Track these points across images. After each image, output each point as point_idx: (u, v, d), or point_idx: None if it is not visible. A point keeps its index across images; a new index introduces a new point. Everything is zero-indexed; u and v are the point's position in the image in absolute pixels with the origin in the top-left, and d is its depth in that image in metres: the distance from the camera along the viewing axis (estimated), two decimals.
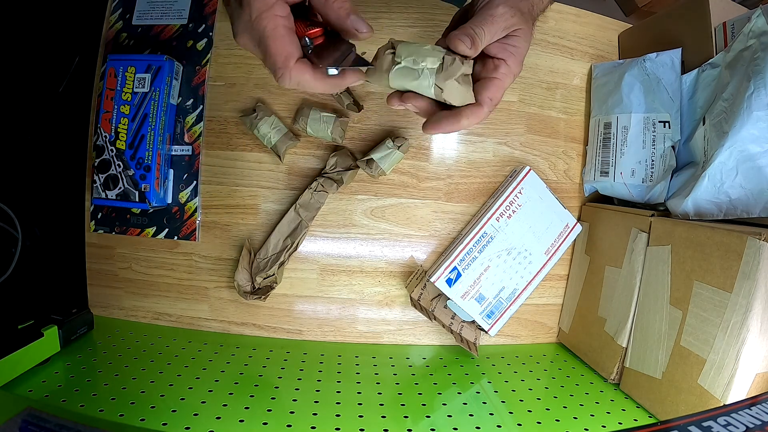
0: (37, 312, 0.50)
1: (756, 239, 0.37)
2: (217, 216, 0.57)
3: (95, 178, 0.52)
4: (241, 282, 0.55)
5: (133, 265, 0.58)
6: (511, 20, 0.35)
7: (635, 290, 0.49)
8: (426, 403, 0.47)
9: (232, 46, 0.56)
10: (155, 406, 0.42)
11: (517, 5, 0.35)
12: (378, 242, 0.58)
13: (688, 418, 0.23)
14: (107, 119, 0.52)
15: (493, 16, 0.34)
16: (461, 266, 0.54)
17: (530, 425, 0.44)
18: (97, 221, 0.57)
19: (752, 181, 0.43)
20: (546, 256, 0.57)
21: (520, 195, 0.55)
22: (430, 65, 0.33)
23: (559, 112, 0.61)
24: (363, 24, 0.33)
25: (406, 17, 0.57)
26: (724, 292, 0.39)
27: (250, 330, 0.59)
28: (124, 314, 0.59)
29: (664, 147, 0.52)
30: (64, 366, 0.48)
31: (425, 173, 0.58)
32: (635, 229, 0.50)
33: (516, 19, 0.35)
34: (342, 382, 0.49)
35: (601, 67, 0.60)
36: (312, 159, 0.57)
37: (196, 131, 0.56)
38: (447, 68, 0.33)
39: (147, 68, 0.51)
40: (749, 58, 0.44)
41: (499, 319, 0.56)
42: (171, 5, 0.57)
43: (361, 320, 0.59)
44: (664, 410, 0.45)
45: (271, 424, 0.41)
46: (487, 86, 0.35)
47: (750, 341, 0.37)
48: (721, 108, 0.45)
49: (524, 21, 0.36)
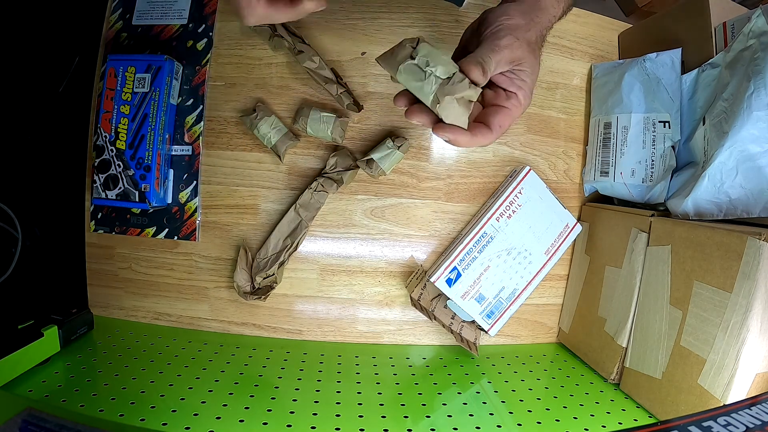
0: (37, 312, 0.50)
1: (756, 239, 0.37)
2: (217, 216, 0.57)
3: (95, 178, 0.52)
4: (241, 282, 0.55)
5: (133, 265, 0.58)
6: (516, 52, 0.35)
7: (635, 290, 0.49)
8: (426, 403, 0.47)
9: (232, 46, 0.56)
10: (155, 406, 0.42)
11: (524, 36, 0.35)
12: (378, 242, 0.58)
13: (688, 418, 0.23)
14: (107, 119, 0.52)
15: (499, 46, 0.34)
16: (461, 266, 0.54)
17: (530, 425, 0.44)
18: (97, 221, 0.57)
19: (752, 181, 0.43)
20: (546, 256, 0.57)
21: (520, 195, 0.55)
22: (439, 73, 0.33)
23: (559, 112, 0.61)
24: None
25: (405, 17, 0.57)
26: (724, 292, 0.39)
27: (250, 330, 0.59)
28: (124, 314, 0.59)
29: (664, 147, 0.52)
30: (64, 366, 0.48)
31: (425, 173, 0.58)
32: (635, 229, 0.50)
33: (521, 52, 0.35)
34: (342, 382, 0.49)
35: (601, 67, 0.60)
36: (312, 159, 0.57)
37: (196, 131, 0.56)
38: (454, 84, 0.33)
39: (147, 68, 0.51)
40: (749, 58, 0.44)
41: (499, 319, 0.56)
42: (171, 5, 0.57)
43: (361, 320, 0.59)
44: (664, 410, 0.45)
45: (271, 424, 0.41)
46: (498, 113, 0.36)
47: (750, 341, 0.37)
48: (721, 108, 0.45)
49: (530, 52, 0.36)
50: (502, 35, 0.34)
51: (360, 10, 0.56)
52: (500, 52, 0.34)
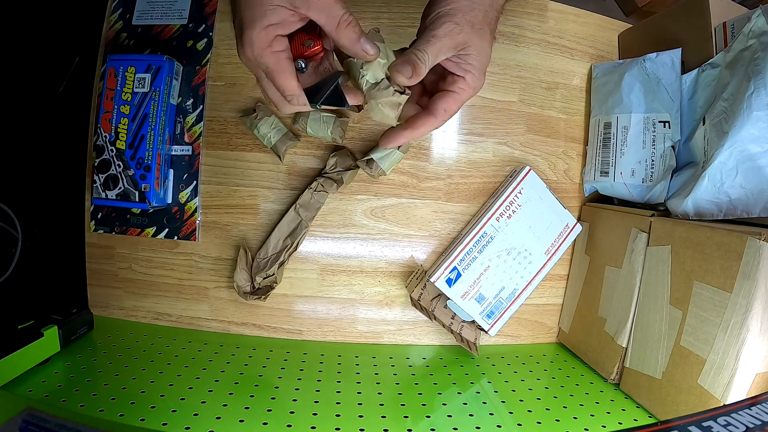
0: (37, 312, 0.50)
1: (756, 239, 0.37)
2: (217, 216, 0.57)
3: (95, 178, 0.52)
4: (241, 283, 0.55)
5: (133, 265, 0.58)
6: (458, 38, 0.34)
7: (635, 290, 0.49)
8: (426, 403, 0.47)
9: (232, 46, 0.56)
10: (155, 406, 0.42)
11: (467, 19, 0.34)
12: (378, 242, 0.58)
13: (688, 418, 0.23)
14: (107, 119, 0.52)
15: (436, 36, 0.34)
16: (461, 266, 0.54)
17: (530, 425, 0.44)
18: (97, 221, 0.57)
19: (752, 181, 0.43)
20: (546, 256, 0.57)
21: (520, 195, 0.55)
22: (369, 78, 0.35)
23: (559, 112, 0.61)
24: (371, 46, 0.33)
25: (405, 17, 0.57)
26: (724, 292, 0.39)
27: (250, 330, 0.59)
28: (124, 314, 0.59)
29: (664, 147, 0.52)
30: (64, 366, 0.48)
31: (425, 173, 0.58)
32: (635, 229, 0.50)
33: (464, 36, 0.34)
34: (342, 382, 0.49)
35: (601, 67, 0.60)
36: (312, 159, 0.57)
37: (196, 131, 0.56)
38: (380, 90, 0.34)
39: (147, 68, 0.51)
40: (749, 58, 0.44)
41: (499, 319, 0.56)
42: (171, 5, 0.57)
43: (361, 320, 0.59)
44: (664, 410, 0.45)
45: (271, 424, 0.41)
46: (444, 98, 0.36)
47: (750, 341, 0.37)
48: (721, 108, 0.45)
49: (475, 34, 0.35)
50: (440, 23, 0.34)
51: (360, 9, 0.56)
52: (437, 43, 0.34)
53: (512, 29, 0.59)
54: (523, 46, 0.59)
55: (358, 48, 0.33)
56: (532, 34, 0.60)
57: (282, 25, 0.32)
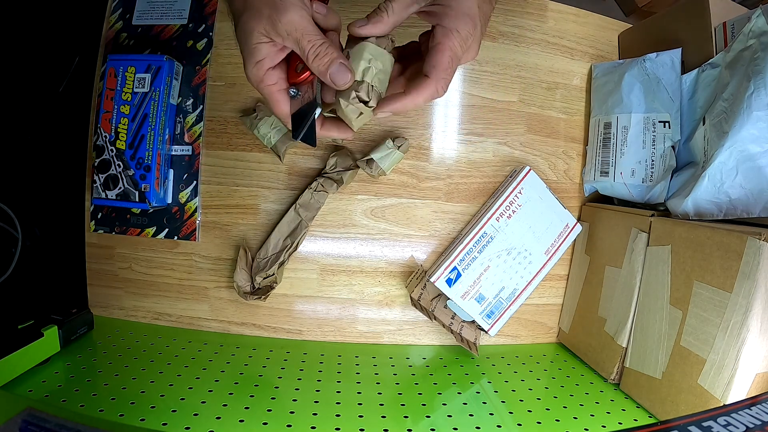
0: (37, 312, 0.50)
1: (756, 239, 0.37)
2: (217, 216, 0.57)
3: (95, 178, 0.52)
4: (241, 283, 0.55)
5: (133, 265, 0.58)
6: None
7: (635, 290, 0.49)
8: (426, 403, 0.47)
9: (232, 46, 0.56)
10: (155, 406, 0.42)
11: None
12: (378, 242, 0.58)
13: (688, 418, 0.23)
14: (107, 119, 0.52)
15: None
16: (461, 266, 0.54)
17: (530, 425, 0.44)
18: (97, 221, 0.57)
19: (752, 181, 0.43)
20: (546, 256, 0.57)
21: (520, 195, 0.55)
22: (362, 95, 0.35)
23: (559, 112, 0.61)
24: (342, 76, 0.33)
25: None
26: (724, 292, 0.39)
27: (250, 330, 0.59)
28: (124, 314, 0.59)
29: (664, 147, 0.52)
30: (64, 366, 0.48)
31: (425, 173, 0.58)
32: (635, 229, 0.50)
33: None
34: (342, 382, 0.49)
35: (601, 67, 0.60)
36: (312, 159, 0.57)
37: (196, 131, 0.56)
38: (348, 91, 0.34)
39: (147, 68, 0.51)
40: (749, 58, 0.44)
41: (499, 319, 0.56)
42: (171, 5, 0.57)
43: (361, 320, 0.59)
44: (664, 410, 0.45)
45: (271, 424, 0.41)
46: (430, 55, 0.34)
47: (750, 341, 0.37)
48: (721, 108, 0.45)
49: None
50: None
51: (360, 10, 0.56)
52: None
53: (512, 29, 0.59)
54: (523, 46, 0.59)
55: (327, 80, 0.33)
56: (532, 34, 0.60)
57: (269, 58, 0.33)
